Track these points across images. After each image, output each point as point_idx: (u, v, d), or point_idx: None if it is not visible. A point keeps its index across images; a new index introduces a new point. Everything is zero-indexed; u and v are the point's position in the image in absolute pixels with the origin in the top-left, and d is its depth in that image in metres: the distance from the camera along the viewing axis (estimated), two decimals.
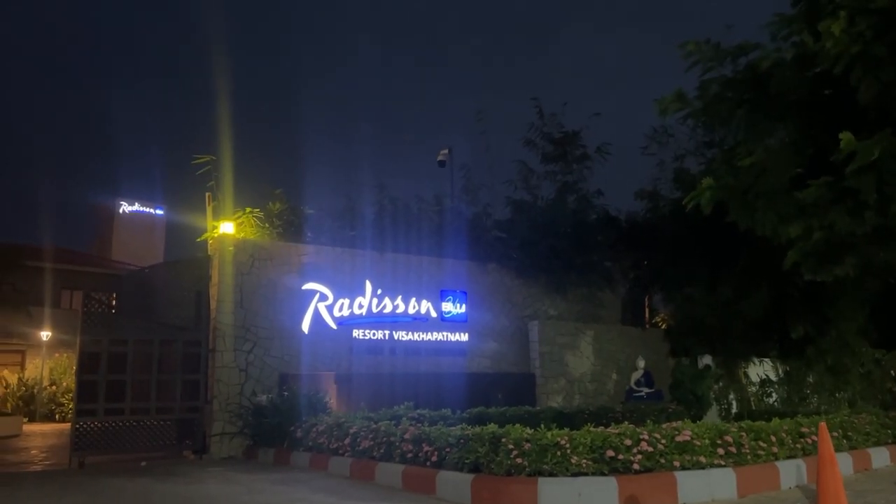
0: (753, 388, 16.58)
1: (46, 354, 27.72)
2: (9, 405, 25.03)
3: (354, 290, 13.69)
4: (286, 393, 11.59)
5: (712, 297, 15.98)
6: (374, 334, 13.81)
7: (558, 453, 7.17)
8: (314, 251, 13.54)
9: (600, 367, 16.31)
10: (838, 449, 8.66)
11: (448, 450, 7.90)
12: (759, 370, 16.77)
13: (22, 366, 28.86)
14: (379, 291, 13.93)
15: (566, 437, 7.30)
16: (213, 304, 12.48)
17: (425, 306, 14.46)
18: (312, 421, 10.67)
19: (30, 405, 25.51)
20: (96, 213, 45.43)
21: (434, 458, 8.06)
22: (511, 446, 7.32)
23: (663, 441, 7.44)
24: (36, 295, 29.17)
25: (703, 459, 7.50)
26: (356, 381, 13.10)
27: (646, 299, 19.01)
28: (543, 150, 17.42)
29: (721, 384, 16.04)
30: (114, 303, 12.63)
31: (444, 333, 14.67)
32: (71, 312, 28.23)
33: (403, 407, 11.45)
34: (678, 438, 7.53)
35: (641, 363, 15.74)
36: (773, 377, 16.90)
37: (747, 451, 7.93)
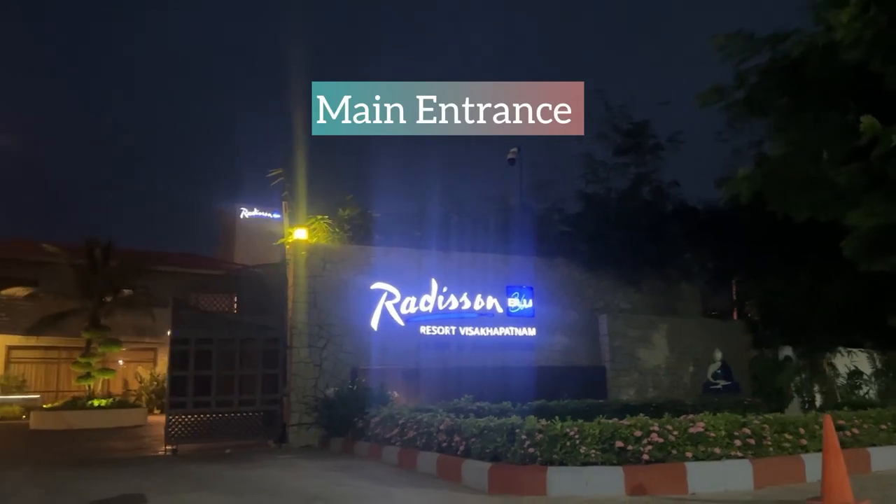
0: (841, 381, 15.87)
1: None
2: (143, 398, 27.72)
3: (421, 289, 14.37)
4: (352, 387, 12.45)
5: (794, 287, 15.46)
6: (440, 330, 14.44)
7: (567, 444, 7.53)
8: (382, 252, 14.36)
9: (675, 360, 16.17)
10: None
11: (473, 440, 8.41)
12: (847, 361, 16.03)
13: (154, 362, 31.76)
14: (444, 289, 14.54)
15: (576, 429, 7.63)
16: (289, 305, 13.56)
17: (491, 302, 14.92)
18: (372, 413, 11.47)
19: (161, 398, 28.12)
20: (220, 219, 48.91)
21: (462, 448, 8.60)
22: (524, 437, 7.75)
23: (675, 432, 7.61)
24: (165, 297, 32.03)
25: (717, 451, 7.61)
26: (423, 375, 13.83)
27: (727, 290, 18.55)
28: (615, 142, 17.41)
29: (803, 376, 15.48)
30: (235, 302, 14.10)
31: (511, 328, 15.08)
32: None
33: (464, 399, 12.03)
34: (691, 430, 7.67)
35: (719, 355, 15.47)
36: (865, 368, 16.09)
37: (769, 443, 7.93)
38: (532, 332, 15.28)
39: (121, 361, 30.03)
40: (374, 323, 13.94)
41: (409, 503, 7.25)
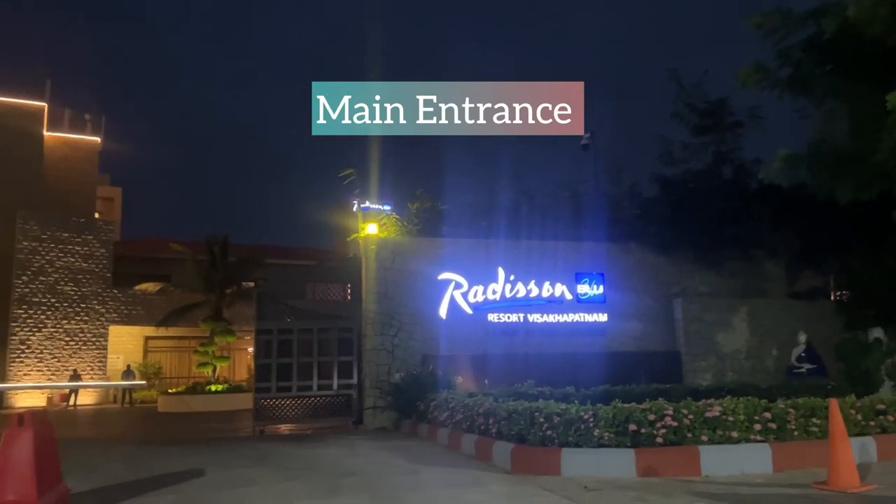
0: None
1: None
2: None
3: (488, 278, 14.83)
4: (415, 373, 13.16)
5: (883, 265, 14.64)
6: (508, 317, 14.85)
7: (582, 427, 7.83)
8: (449, 244, 14.93)
9: (757, 343, 15.73)
10: None
11: (503, 423, 8.85)
12: None
13: None
14: (512, 277, 14.92)
15: (591, 412, 7.91)
16: (363, 296, 14.45)
17: (560, 289, 15.15)
18: (431, 397, 12.11)
19: None
20: (337, 212, 51.35)
21: (495, 430, 9.07)
22: (542, 420, 8.12)
23: (690, 416, 7.72)
24: (283, 288, 34.19)
25: (734, 434, 7.66)
26: (491, 361, 14.32)
27: (816, 271, 17.68)
28: (692, 121, 17.03)
29: (895, 358, 14.61)
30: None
31: (581, 314, 15.24)
32: (314, 302, 32.75)
33: (526, 384, 12.44)
34: (708, 414, 7.75)
35: (803, 338, 14.91)
36: None
37: (794, 427, 7.85)
38: (603, 317, 15.37)
39: (250, 350, 32.44)
40: (443, 311, 14.56)
41: (430, 480, 7.79)
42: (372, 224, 14.63)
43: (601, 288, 15.43)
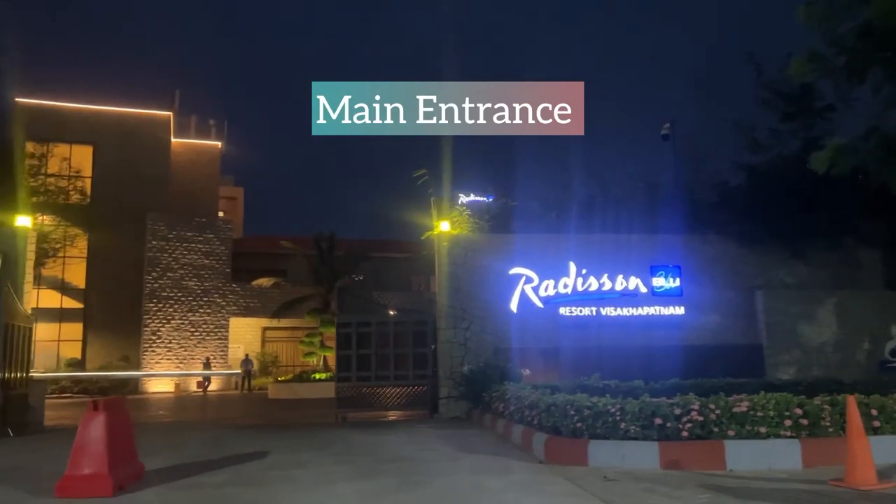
0: None
1: None
2: None
3: (559, 272, 15.06)
4: (481, 364, 13.66)
5: None
6: (580, 311, 15.03)
7: (609, 420, 8.08)
8: (520, 239, 15.28)
9: (846, 337, 15.04)
10: None
11: (543, 415, 9.22)
12: None
13: None
14: (584, 271, 15.08)
15: (618, 406, 8.14)
16: (437, 291, 15.10)
17: (634, 282, 15.15)
18: (495, 388, 12.58)
19: None
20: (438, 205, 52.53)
21: (536, 422, 9.44)
22: (573, 412, 8.43)
23: (717, 411, 7.80)
24: (390, 280, 35.57)
25: (763, 430, 7.66)
26: (562, 354, 14.58)
27: None
28: (779, 107, 16.45)
29: None
30: None
31: (657, 308, 15.18)
32: (417, 294, 33.91)
33: (593, 378, 12.67)
34: (735, 409, 7.80)
35: None
36: None
37: (828, 423, 7.75)
38: (680, 310, 15.23)
39: None
40: (514, 305, 14.95)
41: (465, 467, 8.28)
42: (444, 222, 15.22)
43: (678, 280, 15.28)
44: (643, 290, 15.18)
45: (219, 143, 39.90)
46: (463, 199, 53.29)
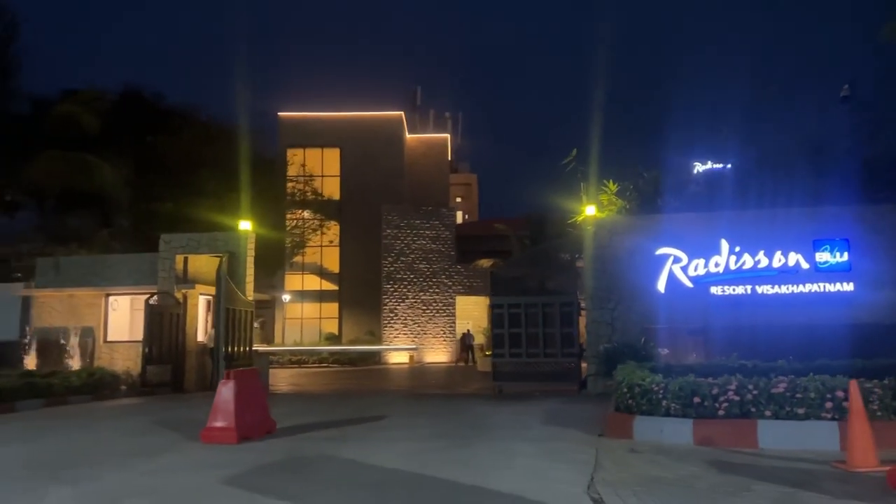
0: None
1: None
2: None
3: (709, 250, 14.76)
4: (615, 343, 14.08)
5: None
6: (732, 290, 14.61)
7: (653, 398, 8.50)
8: (667, 219, 15.26)
9: None
10: None
11: (615, 393, 9.76)
12: None
13: None
14: (737, 249, 14.61)
15: (661, 385, 8.50)
16: (585, 272, 15.72)
17: (794, 258, 14.33)
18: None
19: None
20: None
21: (613, 399, 9.98)
22: (625, 390, 8.93)
23: (755, 391, 7.85)
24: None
25: (801, 411, 7.60)
26: (712, 334, 14.37)
27: None
28: None
29: None
30: None
31: (821, 284, 14.21)
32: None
33: (731, 358, 12.54)
34: (773, 390, 7.79)
35: None
36: None
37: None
38: (848, 286, 14.11)
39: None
40: (661, 285, 15.01)
41: (533, 435, 9.20)
42: (590, 206, 15.73)
43: (845, 255, 14.14)
44: (805, 266, 14.31)
45: (447, 136, 43.03)
46: (699, 167, 50.92)
